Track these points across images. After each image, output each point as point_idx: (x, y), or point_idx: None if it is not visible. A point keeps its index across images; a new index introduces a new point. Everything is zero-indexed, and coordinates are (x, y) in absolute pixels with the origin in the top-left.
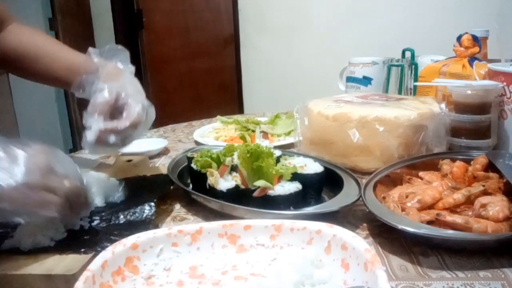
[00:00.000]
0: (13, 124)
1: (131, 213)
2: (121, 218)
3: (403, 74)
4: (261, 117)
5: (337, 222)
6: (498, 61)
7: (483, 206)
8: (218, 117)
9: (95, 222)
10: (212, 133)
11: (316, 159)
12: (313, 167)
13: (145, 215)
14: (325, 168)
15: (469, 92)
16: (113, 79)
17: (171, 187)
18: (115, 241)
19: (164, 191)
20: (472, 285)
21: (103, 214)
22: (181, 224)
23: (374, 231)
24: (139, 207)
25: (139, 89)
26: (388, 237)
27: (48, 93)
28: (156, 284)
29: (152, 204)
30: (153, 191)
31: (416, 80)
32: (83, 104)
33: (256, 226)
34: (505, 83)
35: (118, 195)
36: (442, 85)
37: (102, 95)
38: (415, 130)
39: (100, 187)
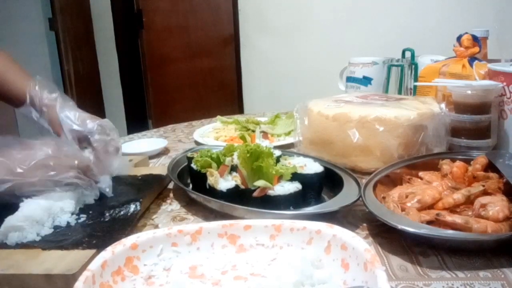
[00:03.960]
0: (13, 123)
1: (117, 211)
2: (107, 216)
3: (403, 74)
4: (261, 117)
5: (337, 222)
6: (498, 61)
7: (483, 206)
8: (218, 117)
9: (82, 220)
10: (212, 133)
11: (316, 159)
12: (313, 167)
13: (130, 213)
14: (325, 168)
15: (469, 92)
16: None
17: (164, 187)
18: (99, 237)
19: (151, 191)
20: (472, 285)
21: (90, 212)
22: (181, 224)
23: (374, 231)
24: (124, 206)
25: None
26: (388, 237)
27: None
28: (156, 284)
29: (138, 203)
30: (141, 190)
31: (416, 80)
32: (84, 107)
33: (256, 226)
34: (505, 83)
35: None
36: (442, 85)
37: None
38: (415, 130)
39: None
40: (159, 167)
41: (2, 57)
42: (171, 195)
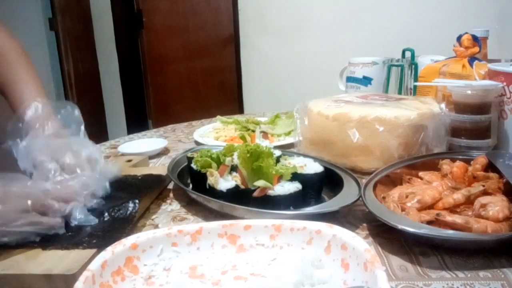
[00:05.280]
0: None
1: (115, 211)
2: (106, 216)
3: (403, 74)
4: (261, 117)
5: (337, 222)
6: (498, 61)
7: (483, 206)
8: (218, 117)
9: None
10: (212, 133)
11: (316, 159)
12: (313, 167)
13: (128, 212)
14: (325, 168)
15: (469, 92)
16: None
17: (164, 187)
18: (99, 237)
19: (151, 191)
20: (472, 285)
21: (89, 212)
22: (181, 224)
23: (374, 231)
24: (123, 205)
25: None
26: (388, 237)
27: (48, 93)
28: (156, 284)
29: (136, 201)
30: (140, 191)
31: (416, 80)
32: (84, 107)
33: (256, 226)
34: (505, 83)
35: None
36: (442, 85)
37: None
38: (415, 130)
39: None
40: (159, 167)
41: (16, 49)
42: (171, 195)
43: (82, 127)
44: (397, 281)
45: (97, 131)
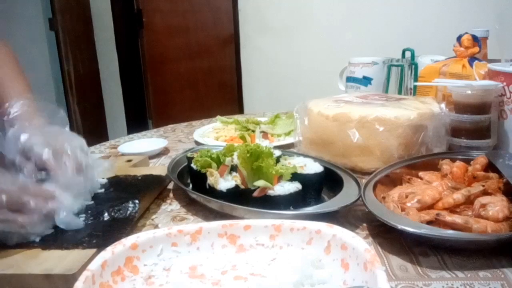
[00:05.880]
0: None
1: (115, 211)
2: (106, 216)
3: (403, 74)
4: (261, 117)
5: (337, 222)
6: (498, 61)
7: (483, 206)
8: (218, 117)
9: (81, 219)
10: (212, 133)
11: (316, 159)
12: (313, 167)
13: (128, 212)
14: (325, 168)
15: (469, 92)
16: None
17: (164, 187)
18: (99, 236)
19: (151, 191)
20: (472, 285)
21: (89, 211)
22: (181, 224)
23: (374, 231)
24: (123, 205)
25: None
26: (388, 237)
27: (48, 94)
28: (155, 284)
29: (136, 202)
30: (140, 191)
31: (416, 80)
32: (84, 107)
33: (255, 226)
34: (505, 83)
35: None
36: (442, 85)
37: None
38: (415, 130)
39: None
40: (159, 167)
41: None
42: (171, 195)
43: (67, 128)
44: (397, 281)
45: (97, 131)
